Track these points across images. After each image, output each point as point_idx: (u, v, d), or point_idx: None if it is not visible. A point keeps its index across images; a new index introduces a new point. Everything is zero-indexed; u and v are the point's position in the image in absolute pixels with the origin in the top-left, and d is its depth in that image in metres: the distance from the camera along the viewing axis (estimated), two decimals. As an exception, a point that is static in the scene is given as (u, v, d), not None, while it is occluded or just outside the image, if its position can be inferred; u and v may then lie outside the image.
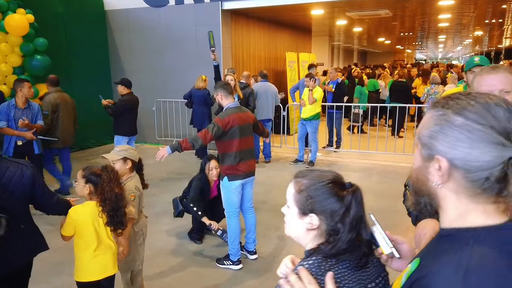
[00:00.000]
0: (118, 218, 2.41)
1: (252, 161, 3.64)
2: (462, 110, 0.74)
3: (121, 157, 2.84)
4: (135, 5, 8.56)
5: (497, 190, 0.72)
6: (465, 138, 0.72)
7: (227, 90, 3.53)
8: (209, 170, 4.07)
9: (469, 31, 16.91)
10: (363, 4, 8.44)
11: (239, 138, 3.44)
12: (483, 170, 0.71)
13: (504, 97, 1.07)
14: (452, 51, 38.43)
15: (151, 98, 8.35)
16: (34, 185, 2.24)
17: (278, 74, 10.78)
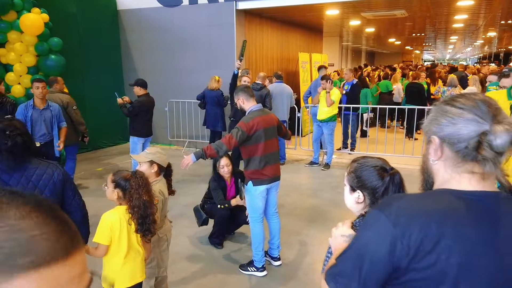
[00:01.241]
0: (146, 226, 2.34)
1: (277, 165, 3.53)
2: (452, 101, 0.97)
3: (148, 160, 2.77)
4: (148, 4, 8.49)
5: (473, 157, 0.92)
6: (450, 119, 0.95)
7: (248, 93, 3.43)
8: (220, 167, 4.01)
9: (482, 32, 16.69)
10: (380, 4, 8.31)
11: (264, 142, 3.33)
12: (463, 141, 0.92)
13: None
14: (461, 52, 38.09)
15: (163, 98, 8.28)
16: (66, 184, 2.19)
17: (290, 75, 10.67)
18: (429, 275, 0.87)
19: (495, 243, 0.88)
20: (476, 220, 0.90)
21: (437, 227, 0.88)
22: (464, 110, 0.93)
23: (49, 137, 4.75)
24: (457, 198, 0.93)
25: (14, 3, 6.15)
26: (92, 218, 2.45)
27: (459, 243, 0.87)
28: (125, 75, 9.05)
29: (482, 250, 0.88)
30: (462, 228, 0.88)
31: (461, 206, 0.91)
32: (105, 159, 7.65)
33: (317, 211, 5.05)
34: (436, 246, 0.86)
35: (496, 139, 0.88)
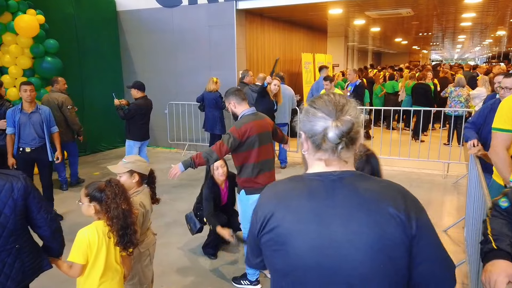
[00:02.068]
0: (128, 237, 2.14)
1: (272, 173, 3.26)
2: (312, 103, 1.16)
3: (127, 170, 2.58)
4: (147, 5, 8.35)
5: (320, 147, 1.12)
6: (309, 117, 1.14)
7: (239, 97, 3.19)
8: (214, 169, 3.71)
9: (491, 31, 16.33)
10: (384, 2, 8.07)
11: (258, 148, 3.09)
12: (316, 135, 1.11)
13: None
14: (469, 52, 37.55)
15: (163, 100, 8.13)
16: (28, 198, 1.96)
17: (293, 76, 10.47)
18: (270, 237, 1.16)
19: (322, 213, 1.11)
20: (311, 195, 1.14)
21: (275, 204, 1.17)
22: (317, 110, 1.13)
23: (39, 141, 4.58)
24: (303, 180, 1.19)
25: (8, 5, 6.03)
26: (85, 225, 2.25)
27: (290, 213, 1.13)
28: (124, 77, 8.91)
29: (309, 218, 1.11)
30: (296, 202, 1.14)
31: (302, 185, 1.17)
32: (103, 163, 7.51)
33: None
34: (271, 217, 1.15)
35: (329, 133, 1.09)
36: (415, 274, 1.09)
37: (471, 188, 3.62)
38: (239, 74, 7.73)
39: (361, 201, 1.09)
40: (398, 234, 1.06)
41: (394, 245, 1.05)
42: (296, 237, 1.10)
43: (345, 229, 1.07)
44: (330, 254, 1.07)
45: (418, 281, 1.10)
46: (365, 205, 1.09)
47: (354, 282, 1.06)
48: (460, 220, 4.42)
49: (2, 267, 1.91)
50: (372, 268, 1.05)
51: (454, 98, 8.03)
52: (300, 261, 1.10)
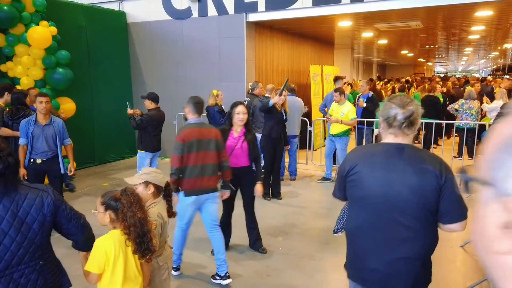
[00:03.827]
0: (145, 245, 2.12)
1: (212, 177, 3.51)
2: (390, 99, 1.94)
3: (142, 181, 2.56)
4: (158, 17, 8.42)
5: (391, 125, 1.86)
6: (387, 107, 1.91)
7: (196, 108, 3.58)
8: (235, 113, 3.89)
9: (498, 43, 16.34)
10: (394, 15, 8.09)
11: (195, 152, 3.41)
12: (391, 117, 1.85)
13: None
14: (474, 64, 37.59)
15: (172, 111, 8.12)
16: (57, 212, 1.96)
17: (301, 87, 10.45)
18: (352, 179, 1.94)
19: (389, 167, 1.87)
20: (382, 155, 1.92)
21: (358, 158, 1.98)
22: (391, 103, 1.89)
23: (51, 153, 4.55)
24: (380, 145, 1.98)
25: (22, 16, 6.08)
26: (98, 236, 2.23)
27: (367, 165, 1.92)
28: (134, 88, 8.94)
29: (379, 168, 1.89)
30: (372, 158, 1.95)
31: (379, 148, 1.97)
32: (112, 174, 7.48)
33: (330, 233, 4.76)
34: (354, 166, 1.94)
35: (398, 116, 1.84)
36: (440, 207, 1.83)
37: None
38: (248, 85, 7.73)
39: (412, 162, 1.86)
40: (433, 182, 1.81)
41: (429, 189, 1.81)
42: (369, 179, 1.91)
43: (399, 176, 1.85)
44: (388, 189, 1.86)
45: (441, 212, 1.84)
46: (414, 164, 1.85)
47: (402, 205, 1.84)
48: (478, 236, 4.33)
49: (25, 284, 1.87)
50: (412, 200, 1.83)
51: (466, 111, 7.97)
52: (370, 192, 1.90)
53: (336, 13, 7.29)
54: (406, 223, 1.84)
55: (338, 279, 3.62)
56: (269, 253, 4.22)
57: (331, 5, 7.00)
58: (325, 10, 7.14)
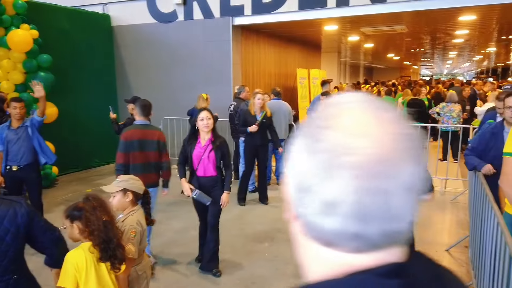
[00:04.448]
0: (111, 251, 2.04)
1: (150, 175, 3.72)
2: None
3: (120, 189, 2.50)
4: (143, 20, 8.33)
5: None
6: None
7: (142, 111, 3.89)
8: (199, 119, 3.62)
9: (481, 47, 16.64)
10: (380, 19, 8.15)
11: (137, 152, 3.68)
12: None
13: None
14: (459, 67, 38.24)
15: (158, 115, 7.97)
16: (31, 224, 1.88)
17: (288, 91, 10.47)
18: None
19: None
20: None
21: None
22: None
23: (30, 159, 4.42)
24: None
25: (2, 19, 5.95)
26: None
27: None
28: (119, 91, 8.82)
29: None
30: None
31: None
32: (96, 179, 7.35)
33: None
34: None
35: None
36: None
37: (476, 206, 3.56)
38: (234, 89, 7.69)
39: None
40: None
41: None
42: None
43: None
44: None
45: None
46: None
47: None
48: (463, 239, 4.35)
49: None
50: None
51: (447, 114, 8.04)
52: None
53: (322, 17, 7.30)
54: None
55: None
56: (255, 260, 4.17)
57: (317, 9, 7.01)
58: (311, 14, 7.15)
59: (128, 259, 2.27)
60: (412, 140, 0.50)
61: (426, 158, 2.26)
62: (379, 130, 0.49)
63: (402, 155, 0.48)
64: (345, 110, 0.51)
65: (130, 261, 2.34)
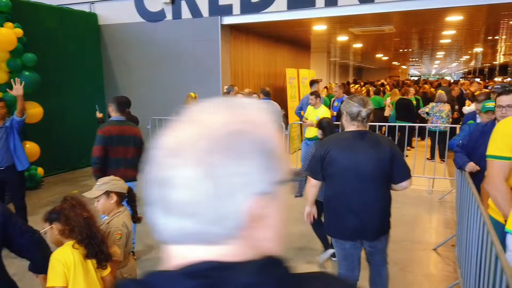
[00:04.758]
0: (97, 247, 2.00)
1: (127, 170, 3.82)
2: (351, 98, 2.65)
3: (103, 192, 2.45)
4: (131, 19, 8.24)
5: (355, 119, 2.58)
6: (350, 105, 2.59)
7: (118, 107, 4.01)
8: None
9: (468, 47, 16.84)
10: (368, 19, 8.19)
11: (116, 146, 3.81)
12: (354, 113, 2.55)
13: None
14: (446, 67, 38.69)
15: (146, 115, 7.92)
16: (7, 224, 1.83)
17: (278, 91, 10.46)
18: (328, 159, 2.54)
19: (355, 148, 2.51)
20: (350, 139, 2.55)
21: (332, 144, 2.59)
22: (354, 101, 2.53)
23: (7, 161, 4.31)
24: (347, 133, 2.59)
25: (-15, 17, 5.82)
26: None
27: (338, 148, 2.55)
28: (107, 91, 8.71)
29: (349, 149, 2.53)
30: (343, 142, 2.59)
31: (347, 135, 2.58)
32: (83, 180, 7.24)
33: (305, 239, 4.73)
34: (329, 150, 2.54)
35: (362, 113, 2.50)
36: (393, 171, 2.53)
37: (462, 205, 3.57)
38: (223, 89, 7.66)
39: (371, 143, 2.52)
40: (387, 155, 2.50)
41: (384, 159, 2.50)
42: (341, 158, 2.53)
43: (363, 154, 2.50)
44: (357, 164, 2.50)
45: (394, 174, 2.54)
46: (373, 144, 2.52)
47: (367, 174, 2.49)
48: (450, 238, 4.38)
49: None
50: (374, 170, 2.50)
51: (436, 114, 8.11)
52: (343, 168, 2.52)
53: (311, 17, 7.31)
54: (374, 190, 2.53)
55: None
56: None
57: (306, 9, 7.01)
58: (299, 14, 7.15)
59: (113, 261, 2.23)
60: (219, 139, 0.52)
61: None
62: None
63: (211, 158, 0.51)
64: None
65: (115, 264, 2.30)
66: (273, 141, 0.56)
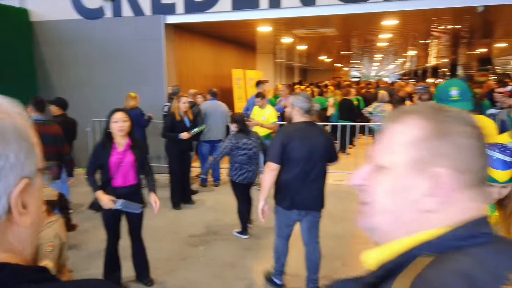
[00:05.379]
0: None
1: (51, 169, 4.07)
2: (299, 95, 3.41)
3: None
4: (66, 16, 7.77)
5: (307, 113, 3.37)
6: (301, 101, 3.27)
7: (36, 107, 4.24)
8: (112, 121, 3.25)
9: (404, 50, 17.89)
10: (311, 22, 8.40)
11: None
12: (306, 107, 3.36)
13: None
14: (385, 69, 40.85)
15: (85, 117, 7.53)
16: None
17: (225, 92, 10.41)
18: (288, 147, 3.10)
19: (309, 135, 3.15)
20: (305, 128, 3.18)
21: (291, 133, 3.17)
22: (304, 97, 3.23)
23: None
24: (300, 123, 3.20)
25: None
26: None
27: (296, 136, 3.13)
28: (41, 92, 8.13)
29: (305, 136, 3.14)
30: (299, 131, 3.16)
31: (301, 125, 3.19)
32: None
33: (252, 238, 4.73)
34: (292, 139, 3.12)
35: (314, 107, 3.32)
36: (330, 154, 3.26)
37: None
38: (168, 89, 7.47)
39: (320, 131, 3.26)
40: (329, 142, 3.25)
41: (327, 145, 3.21)
42: (299, 143, 3.08)
43: (316, 139, 3.14)
44: (311, 149, 3.10)
45: (331, 156, 3.27)
46: (321, 132, 3.26)
47: (318, 157, 3.13)
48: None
49: None
50: (323, 153, 3.16)
51: (378, 114, 8.51)
52: (299, 153, 3.08)
53: (255, 18, 7.35)
54: (320, 169, 3.18)
55: (260, 285, 3.58)
56: (190, 264, 4.05)
57: (250, 10, 7.04)
58: (244, 14, 7.16)
59: None
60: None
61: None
62: None
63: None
64: None
65: None
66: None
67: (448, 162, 0.64)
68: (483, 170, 0.65)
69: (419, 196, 0.65)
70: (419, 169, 0.66)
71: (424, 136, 0.66)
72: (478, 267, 0.58)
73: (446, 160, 0.64)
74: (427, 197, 0.65)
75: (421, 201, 0.65)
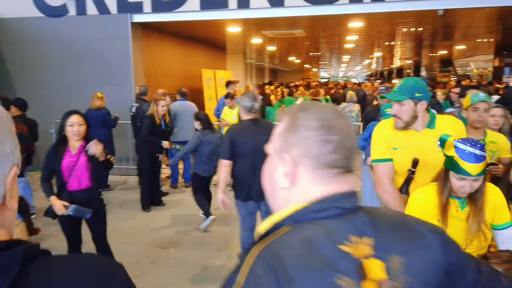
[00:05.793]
0: None
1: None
2: (245, 95, 3.68)
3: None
4: (28, 14, 7.47)
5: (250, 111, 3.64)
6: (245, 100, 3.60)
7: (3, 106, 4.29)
8: (68, 125, 3.12)
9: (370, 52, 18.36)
10: (280, 23, 8.48)
11: None
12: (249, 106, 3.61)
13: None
14: (352, 70, 41.78)
15: (48, 119, 7.24)
16: None
17: (195, 92, 10.33)
18: (236, 143, 3.36)
19: (254, 131, 3.36)
20: (250, 125, 3.43)
21: (238, 130, 3.47)
22: (249, 98, 3.49)
23: None
24: (246, 121, 3.48)
25: None
26: None
27: (243, 133, 3.40)
28: (2, 93, 7.78)
29: (250, 133, 3.36)
30: (245, 128, 3.44)
31: (247, 123, 3.47)
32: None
33: (224, 239, 4.72)
34: (235, 136, 3.39)
35: (255, 106, 3.46)
36: None
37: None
38: (136, 89, 7.33)
39: (264, 126, 3.38)
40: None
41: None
42: (245, 139, 3.33)
43: (261, 134, 3.09)
44: (256, 144, 3.17)
45: None
46: (266, 127, 3.37)
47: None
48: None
49: None
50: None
51: (347, 113, 8.71)
52: (246, 148, 3.32)
53: (224, 18, 7.34)
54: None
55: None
56: (160, 267, 4.00)
57: (219, 10, 7.02)
58: (212, 14, 7.13)
59: None
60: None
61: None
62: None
63: None
64: None
65: None
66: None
67: (294, 150, 0.81)
68: (329, 155, 0.79)
69: (280, 176, 0.83)
70: (279, 156, 0.84)
71: (282, 130, 0.85)
72: (320, 233, 0.73)
73: (293, 149, 0.81)
74: (283, 176, 0.82)
75: (280, 179, 0.82)
